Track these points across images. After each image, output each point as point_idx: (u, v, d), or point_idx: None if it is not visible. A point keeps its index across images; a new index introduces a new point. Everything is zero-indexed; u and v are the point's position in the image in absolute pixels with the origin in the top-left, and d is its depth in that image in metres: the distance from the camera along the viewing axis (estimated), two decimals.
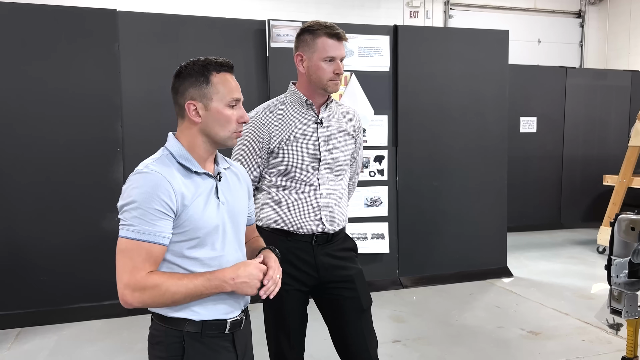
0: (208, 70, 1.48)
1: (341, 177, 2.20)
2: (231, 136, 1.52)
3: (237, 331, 1.55)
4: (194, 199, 1.45)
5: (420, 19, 9.88)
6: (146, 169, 1.43)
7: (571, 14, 10.83)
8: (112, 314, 4.07)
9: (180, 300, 1.41)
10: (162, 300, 1.39)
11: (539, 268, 5.61)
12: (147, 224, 1.37)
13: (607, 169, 7.29)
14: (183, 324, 1.46)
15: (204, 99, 1.48)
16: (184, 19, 4.36)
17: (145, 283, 1.37)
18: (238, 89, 1.53)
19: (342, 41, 2.06)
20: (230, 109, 1.50)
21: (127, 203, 1.39)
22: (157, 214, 1.38)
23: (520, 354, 3.48)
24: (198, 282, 1.41)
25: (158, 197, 1.38)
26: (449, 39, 5.08)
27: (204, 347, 1.47)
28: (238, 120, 1.51)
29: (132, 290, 1.36)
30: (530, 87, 7.30)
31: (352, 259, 2.21)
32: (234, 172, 1.65)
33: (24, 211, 3.96)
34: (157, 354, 1.49)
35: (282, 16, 5.13)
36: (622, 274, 2.18)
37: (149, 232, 1.37)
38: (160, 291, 1.37)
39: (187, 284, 1.40)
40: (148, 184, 1.39)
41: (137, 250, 1.37)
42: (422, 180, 4.95)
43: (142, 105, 4.18)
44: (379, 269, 4.81)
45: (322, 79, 2.06)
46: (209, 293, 1.43)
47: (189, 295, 1.40)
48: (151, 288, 1.37)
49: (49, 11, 3.99)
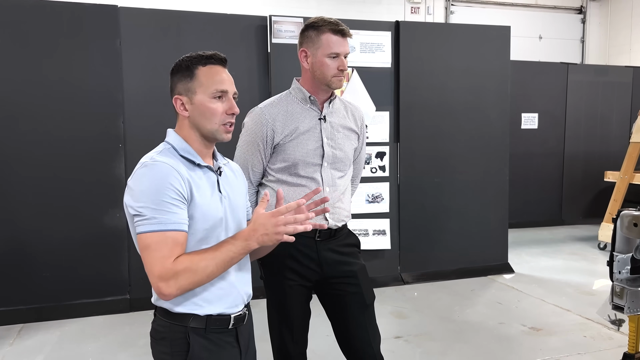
0: (193, 64, 1.49)
1: (344, 173, 2.21)
2: (219, 129, 1.49)
3: (241, 326, 1.55)
4: (200, 190, 1.45)
5: (422, 14, 9.86)
6: (152, 160, 1.42)
7: (573, 9, 10.80)
8: (114, 310, 4.08)
9: (214, 273, 1.40)
10: (198, 278, 1.38)
11: (540, 264, 5.61)
12: (167, 213, 1.36)
13: (608, 165, 7.29)
14: (188, 320, 1.45)
15: (188, 93, 1.49)
16: (186, 15, 4.36)
17: (176, 269, 1.35)
18: (224, 81, 1.50)
19: (346, 37, 2.07)
20: (215, 101, 1.48)
21: (140, 198, 1.38)
22: (173, 201, 1.37)
23: (522, 350, 3.48)
24: (223, 248, 1.40)
25: (170, 185, 1.38)
26: (451, 35, 5.07)
27: (209, 343, 1.47)
28: (227, 112, 1.50)
29: (166, 281, 1.35)
30: (532, 83, 7.29)
31: (355, 254, 2.21)
32: (231, 168, 1.67)
33: (26, 207, 3.97)
34: (161, 350, 1.48)
35: (284, 12, 5.12)
36: (625, 270, 2.18)
37: (170, 221, 1.36)
38: (193, 270, 1.36)
39: (213, 254, 1.39)
40: (158, 174, 1.39)
41: (163, 241, 1.36)
42: (423, 176, 4.95)
43: (144, 101, 4.18)
44: (380, 265, 4.81)
45: (326, 75, 2.07)
46: (238, 256, 1.41)
47: (220, 264, 1.39)
48: (183, 271, 1.35)
49: (51, 7, 3.99)
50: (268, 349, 2.21)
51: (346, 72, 2.24)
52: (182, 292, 1.38)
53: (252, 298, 1.63)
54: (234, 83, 1.54)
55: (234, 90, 1.53)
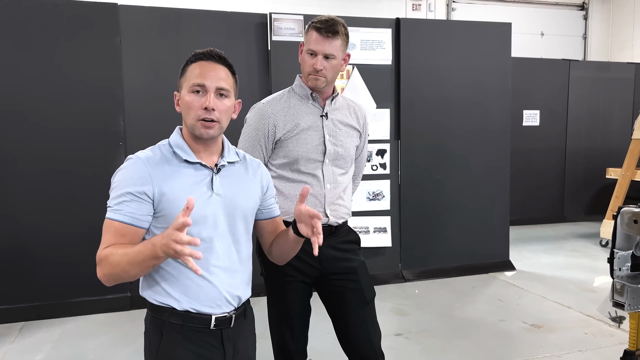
0: (188, 61, 1.52)
1: (346, 170, 2.21)
2: (196, 124, 1.46)
3: (227, 329, 1.52)
4: (176, 186, 1.45)
5: (423, 11, 9.83)
6: (134, 155, 1.48)
7: (574, 6, 10.76)
8: (115, 308, 4.09)
9: (128, 270, 1.36)
10: (114, 271, 1.38)
11: (541, 261, 5.61)
12: (121, 204, 1.42)
13: (610, 162, 7.27)
14: (164, 313, 1.47)
15: (180, 89, 1.53)
16: (186, 13, 4.35)
17: (100, 255, 1.40)
18: (204, 75, 1.45)
19: (329, 38, 2.02)
20: (191, 95, 1.47)
21: (111, 187, 1.46)
22: (129, 196, 1.42)
23: (523, 346, 3.48)
24: (137, 248, 1.34)
25: (133, 181, 1.42)
26: (452, 32, 5.06)
27: (184, 339, 1.47)
28: (202, 106, 1.45)
29: (98, 265, 1.40)
30: (533, 79, 7.26)
31: (355, 251, 2.22)
32: (246, 166, 1.63)
33: (27, 204, 3.97)
34: (145, 343, 1.53)
35: (284, 9, 5.11)
36: (625, 267, 2.18)
37: (120, 212, 1.41)
38: (109, 262, 1.37)
39: (127, 251, 1.36)
40: (128, 168, 1.45)
41: (107, 228, 1.42)
42: (424, 173, 4.94)
43: (144, 99, 4.18)
44: (381, 263, 4.81)
45: (304, 71, 2.10)
46: (148, 259, 1.31)
47: (131, 262, 1.34)
48: (104, 259, 1.39)
49: (51, 5, 3.98)
50: (268, 346, 2.21)
51: (346, 70, 2.23)
52: (109, 279, 1.41)
53: (253, 295, 1.62)
54: (225, 79, 1.49)
55: (220, 85, 1.47)
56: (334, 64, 2.06)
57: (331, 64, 2.05)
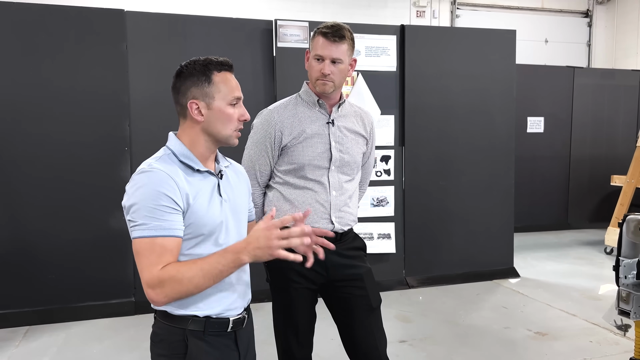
0: (209, 69, 1.50)
1: (352, 178, 2.21)
2: (232, 134, 1.54)
3: (240, 330, 1.56)
4: (198, 197, 1.46)
5: (427, 18, 9.86)
6: (149, 167, 1.43)
7: (579, 13, 10.78)
8: (119, 312, 4.09)
9: (202, 284, 1.38)
10: (184, 288, 1.37)
11: (546, 268, 5.59)
12: (157, 219, 1.37)
13: (615, 169, 7.25)
14: (187, 322, 1.46)
15: (206, 98, 1.49)
16: (191, 19, 4.38)
17: (162, 277, 1.36)
18: (238, 88, 1.54)
19: (335, 42, 2.04)
20: (231, 108, 1.52)
21: (134, 203, 1.38)
22: (164, 209, 1.38)
23: (527, 354, 3.47)
24: (212, 259, 1.38)
25: (164, 193, 1.39)
26: (456, 39, 5.07)
27: (207, 345, 1.48)
28: (239, 118, 1.54)
29: (153, 288, 1.36)
30: (538, 86, 7.27)
31: (361, 257, 2.21)
32: (234, 170, 1.68)
33: (33, 209, 3.99)
34: (159, 352, 1.50)
35: (289, 16, 5.14)
36: (631, 275, 2.17)
37: (160, 227, 1.37)
38: (178, 280, 1.36)
39: (201, 265, 1.38)
40: (153, 182, 1.40)
41: (150, 247, 1.37)
42: (428, 180, 4.94)
43: (149, 105, 4.20)
44: (385, 269, 4.80)
45: (312, 77, 2.10)
46: (227, 269, 1.39)
47: (207, 275, 1.37)
48: (169, 280, 1.36)
49: (57, 11, 4.02)
50: (273, 352, 2.21)
51: (351, 76, 2.24)
52: (170, 300, 1.39)
53: (258, 301, 1.63)
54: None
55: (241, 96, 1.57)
56: (341, 68, 2.07)
57: (338, 69, 2.07)
